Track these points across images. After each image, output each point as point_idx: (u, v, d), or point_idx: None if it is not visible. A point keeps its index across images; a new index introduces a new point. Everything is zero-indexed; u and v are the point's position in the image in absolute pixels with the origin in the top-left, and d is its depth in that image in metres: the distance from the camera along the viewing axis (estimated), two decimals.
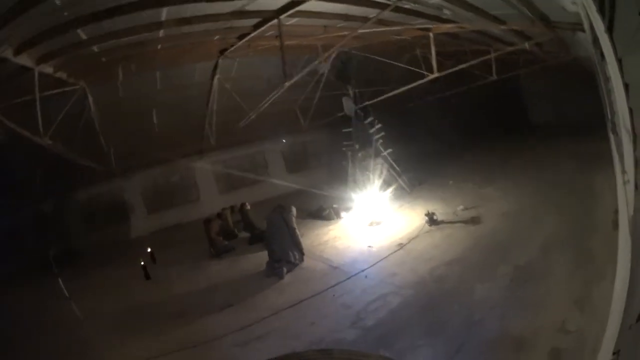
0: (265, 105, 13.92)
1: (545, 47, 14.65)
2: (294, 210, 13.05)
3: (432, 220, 13.04)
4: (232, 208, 17.82)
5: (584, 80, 12.82)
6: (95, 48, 9.51)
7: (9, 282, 16.27)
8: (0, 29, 6.50)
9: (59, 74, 10.23)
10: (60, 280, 12.97)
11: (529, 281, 8.11)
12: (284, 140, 24.58)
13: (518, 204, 13.08)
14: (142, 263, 14.48)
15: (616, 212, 5.45)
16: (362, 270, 10.83)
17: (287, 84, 11.12)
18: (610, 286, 4.79)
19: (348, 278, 10.57)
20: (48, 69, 9.56)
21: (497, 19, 10.57)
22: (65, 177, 18.17)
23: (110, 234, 20.34)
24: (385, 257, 11.40)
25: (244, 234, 16.63)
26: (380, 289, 9.51)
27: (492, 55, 14.78)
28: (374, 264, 11.10)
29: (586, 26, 5.29)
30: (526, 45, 13.29)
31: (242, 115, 15.89)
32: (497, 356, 6.42)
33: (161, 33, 9.51)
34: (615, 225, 5.55)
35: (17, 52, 7.94)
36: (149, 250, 16.08)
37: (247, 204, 17.22)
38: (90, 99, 12.21)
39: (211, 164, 22.89)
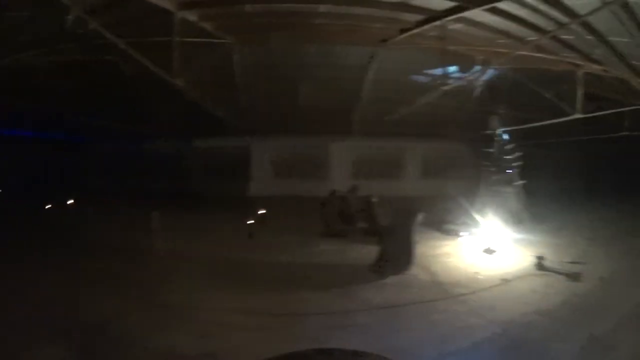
0: (418, 104, 13.90)
1: None
2: (421, 217, 12.96)
3: (540, 264, 12.58)
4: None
5: None
6: (248, 7, 9.72)
7: (112, 206, 17.38)
8: None
9: (203, 24, 10.54)
10: (156, 213, 13.64)
11: (595, 354, 7.78)
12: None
13: (620, 273, 12.46)
14: (250, 222, 14.92)
15: None
16: (461, 295, 10.65)
17: (443, 88, 11.01)
18: None
19: (445, 298, 10.46)
20: (191, 17, 9.86)
21: (637, 71, 10.04)
22: (193, 121, 18.96)
23: (228, 187, 21.13)
24: (486, 289, 11.15)
25: (363, 224, 16.71)
26: (472, 319, 9.27)
27: (628, 108, 14.07)
28: (474, 292, 10.87)
29: None
30: None
31: (390, 108, 15.93)
32: None
33: (321, 8, 9.61)
34: None
35: None
36: (261, 211, 16.47)
37: (374, 195, 17.10)
38: (237, 56, 12.53)
39: (349, 148, 23.10)
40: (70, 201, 18.07)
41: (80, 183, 19.09)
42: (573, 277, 11.90)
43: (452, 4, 9.03)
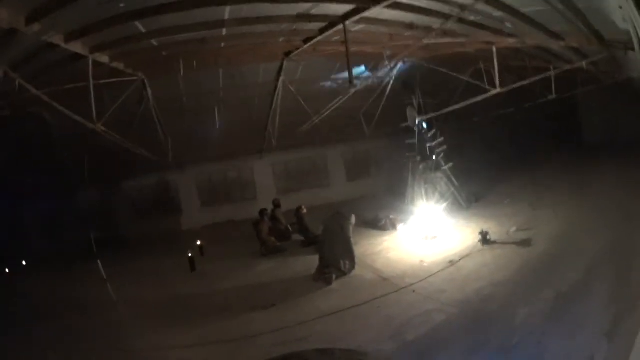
0: (330, 110, 13.96)
1: (600, 66, 14.18)
2: (353, 218, 13.08)
3: (485, 239, 12.73)
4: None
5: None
6: (154, 42, 9.68)
7: (51, 264, 16.94)
8: (47, 16, 6.62)
9: (115, 64, 10.46)
10: (100, 263, 13.48)
11: (568, 309, 7.89)
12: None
13: (568, 229, 12.69)
14: (190, 255, 14.74)
15: None
16: (411, 285, 10.67)
17: (352, 90, 11.09)
18: None
19: (396, 291, 10.47)
20: (103, 58, 9.77)
21: (556, 35, 10.33)
22: (117, 165, 18.68)
23: (160, 224, 20.85)
24: (435, 273, 11.24)
25: (298, 237, 16.76)
26: (426, 305, 9.36)
27: (552, 72, 14.41)
28: (423, 279, 10.93)
29: (636, 44, 5.08)
30: (583, 64, 12.93)
31: (305, 119, 16.01)
32: None
33: (224, 31, 9.64)
34: None
35: (69, 39, 8.11)
36: (198, 243, 16.36)
37: (303, 207, 17.22)
38: (149, 91, 12.42)
39: (271, 165, 23.19)
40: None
41: (15, 245, 18.33)
42: (523, 243, 12.15)
43: (352, 6, 9.13)
